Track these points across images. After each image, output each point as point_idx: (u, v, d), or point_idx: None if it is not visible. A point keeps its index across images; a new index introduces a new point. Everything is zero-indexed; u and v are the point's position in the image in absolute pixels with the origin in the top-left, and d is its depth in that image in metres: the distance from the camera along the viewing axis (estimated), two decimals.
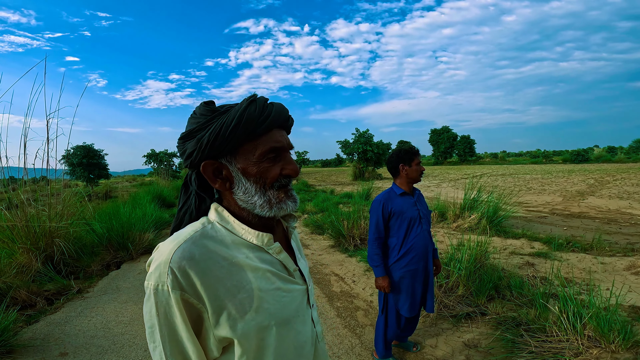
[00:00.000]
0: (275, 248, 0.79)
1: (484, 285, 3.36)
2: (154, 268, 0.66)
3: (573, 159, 43.59)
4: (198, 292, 0.65)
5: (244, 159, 0.75)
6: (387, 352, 2.55)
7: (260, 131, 0.74)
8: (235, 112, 0.72)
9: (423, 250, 2.35)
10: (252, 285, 0.71)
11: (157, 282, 0.65)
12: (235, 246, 0.74)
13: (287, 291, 0.78)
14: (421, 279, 2.39)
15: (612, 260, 4.60)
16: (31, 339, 3.04)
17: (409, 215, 2.35)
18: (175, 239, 0.70)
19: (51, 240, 4.61)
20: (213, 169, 0.76)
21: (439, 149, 54.19)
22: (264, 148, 0.74)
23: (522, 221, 7.65)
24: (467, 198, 7.25)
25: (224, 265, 0.69)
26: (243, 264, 0.72)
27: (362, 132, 25.06)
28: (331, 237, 6.37)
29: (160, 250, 0.69)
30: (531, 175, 21.95)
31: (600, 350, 2.37)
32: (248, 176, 0.75)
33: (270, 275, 0.75)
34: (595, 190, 12.71)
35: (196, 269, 0.65)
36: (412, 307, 2.38)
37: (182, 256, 0.65)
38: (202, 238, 0.70)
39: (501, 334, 2.79)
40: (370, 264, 2.40)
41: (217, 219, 0.77)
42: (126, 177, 36.26)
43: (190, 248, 0.67)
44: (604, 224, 7.13)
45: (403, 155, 2.41)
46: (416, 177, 2.40)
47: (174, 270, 0.64)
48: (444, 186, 16.47)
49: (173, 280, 0.64)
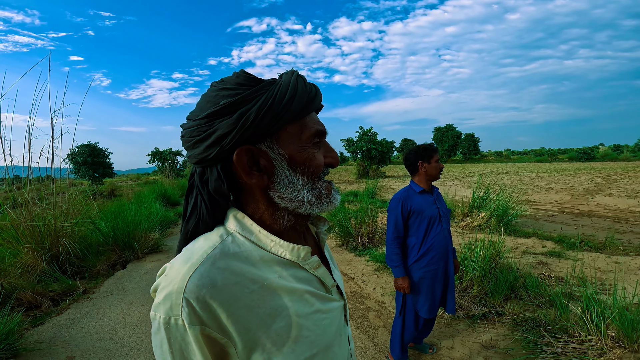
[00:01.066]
0: (313, 263, 0.65)
1: (499, 285, 3.27)
2: (163, 298, 0.52)
3: (579, 157, 43.35)
4: (223, 326, 0.52)
5: (289, 143, 0.61)
6: (403, 354, 2.47)
7: (306, 110, 0.61)
8: (288, 83, 0.59)
9: (443, 250, 2.28)
10: (290, 312, 0.58)
11: (168, 315, 0.51)
12: (265, 264, 0.59)
13: (327, 312, 0.64)
14: (441, 279, 2.31)
15: (625, 260, 4.51)
16: (37, 342, 2.97)
17: (428, 214, 2.28)
18: (188, 259, 0.55)
19: (56, 240, 4.56)
20: (248, 158, 0.59)
21: (443, 147, 53.97)
22: (311, 130, 0.62)
23: (532, 220, 7.54)
24: (475, 196, 7.15)
25: (254, 290, 0.55)
26: (277, 287, 0.58)
27: (366, 130, 24.97)
28: (339, 236, 6.29)
29: (170, 275, 0.54)
30: (537, 174, 21.79)
31: (623, 350, 2.32)
32: (294, 165, 0.61)
33: (309, 296, 0.62)
34: (603, 189, 12.58)
35: (220, 299, 0.52)
36: (431, 308, 2.30)
37: (201, 284, 0.51)
38: (224, 257, 0.55)
39: (522, 335, 2.70)
40: (389, 264, 2.32)
41: (237, 228, 0.61)
42: (130, 176, 36.32)
43: (210, 272, 0.53)
44: (614, 223, 7.02)
45: (422, 152, 2.35)
46: (435, 174, 2.34)
47: (190, 303, 0.50)
48: (450, 184, 16.37)
49: (190, 313, 0.50)
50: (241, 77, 0.60)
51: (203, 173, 0.62)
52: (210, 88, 0.62)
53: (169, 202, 11.32)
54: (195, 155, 0.60)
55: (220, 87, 0.59)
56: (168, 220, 8.12)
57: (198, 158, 0.60)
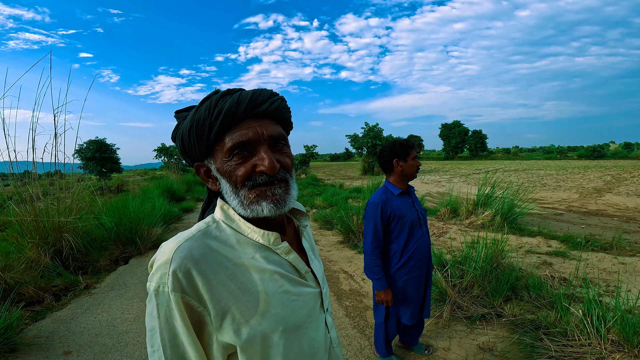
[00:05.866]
0: (283, 248, 0.73)
1: (500, 285, 3.21)
2: (156, 268, 0.63)
3: (588, 155, 42.68)
4: (200, 294, 0.61)
5: (218, 158, 0.71)
6: (388, 350, 2.45)
7: (225, 128, 0.68)
8: (189, 117, 0.71)
9: (425, 254, 2.20)
10: (258, 288, 0.66)
11: (158, 284, 0.61)
12: (241, 246, 0.69)
13: (298, 295, 0.71)
14: (423, 283, 2.24)
15: (633, 261, 4.40)
16: (35, 337, 2.99)
17: (409, 218, 2.14)
18: (177, 237, 0.66)
19: (60, 235, 4.59)
20: (204, 170, 0.75)
21: (450, 143, 53.51)
22: (228, 145, 0.68)
23: (538, 218, 7.43)
24: (480, 194, 7.06)
25: (227, 266, 0.65)
26: (248, 265, 0.67)
27: (372, 126, 24.83)
28: (340, 232, 6.27)
29: (162, 249, 0.64)
30: (545, 171, 21.50)
31: (623, 354, 2.26)
32: (223, 176, 0.71)
33: (278, 277, 0.69)
34: (613, 187, 12.35)
35: (197, 269, 0.61)
36: (414, 314, 2.23)
37: (183, 255, 0.61)
38: (205, 237, 0.67)
39: (519, 338, 2.65)
40: (370, 276, 2.15)
41: (222, 217, 0.72)
42: (138, 171, 36.62)
43: (192, 247, 0.63)
44: (623, 222, 6.89)
45: (398, 149, 2.16)
46: (412, 173, 2.18)
47: (174, 271, 0.60)
48: (456, 181, 16.21)
49: (173, 281, 0.60)
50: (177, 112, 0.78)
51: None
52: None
53: (173, 197, 11.36)
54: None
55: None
56: (171, 216, 8.14)
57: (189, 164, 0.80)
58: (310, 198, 10.84)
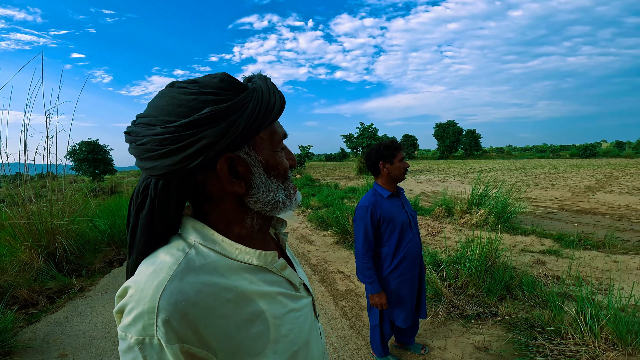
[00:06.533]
0: (280, 265, 0.66)
1: (495, 284, 3.24)
2: (133, 319, 0.49)
3: (581, 154, 43.15)
4: (203, 339, 0.50)
5: (262, 148, 0.62)
6: (384, 350, 2.46)
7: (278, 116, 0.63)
8: (267, 89, 0.60)
9: (417, 256, 2.20)
10: (266, 315, 0.59)
11: (142, 336, 0.48)
12: (234, 272, 0.58)
13: (299, 310, 0.67)
14: (416, 285, 2.24)
15: (625, 259, 4.46)
16: (31, 340, 2.98)
17: (400, 220, 2.12)
18: (153, 277, 0.51)
19: (53, 238, 4.55)
20: (228, 166, 0.58)
21: (444, 143, 53.81)
22: (280, 135, 0.65)
23: (531, 217, 7.50)
24: (474, 193, 7.11)
25: (229, 299, 0.55)
26: (250, 293, 0.58)
27: (367, 126, 24.90)
28: (336, 232, 6.28)
29: (137, 296, 0.50)
30: (538, 170, 21.69)
31: (617, 353, 2.29)
32: (269, 169, 0.63)
33: (282, 297, 0.63)
34: (605, 186, 12.50)
35: (196, 312, 0.50)
36: (408, 317, 2.24)
37: (175, 301, 0.49)
38: (191, 271, 0.53)
39: (514, 337, 2.68)
40: (362, 280, 2.14)
41: (199, 239, 0.59)
42: (132, 172, 36.32)
43: (182, 288, 0.50)
44: (615, 221, 6.97)
45: (383, 151, 2.14)
46: (399, 175, 2.15)
47: (166, 321, 0.48)
48: (450, 180, 16.31)
49: (167, 332, 0.48)
50: (226, 81, 0.57)
51: (166, 185, 0.57)
52: (175, 89, 0.57)
53: None
54: (163, 167, 0.54)
55: (198, 90, 0.55)
56: None
57: (168, 169, 0.54)
58: (306, 198, 10.84)
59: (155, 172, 0.55)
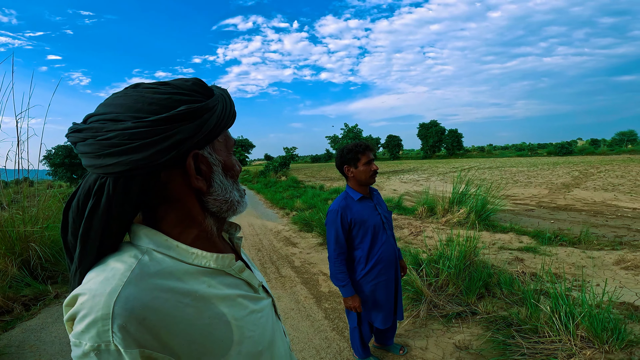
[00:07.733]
0: (237, 268, 0.67)
1: (473, 283, 3.27)
2: (86, 326, 0.47)
3: (557, 152, 44.42)
4: (165, 344, 0.50)
5: (219, 150, 0.66)
6: (365, 352, 2.45)
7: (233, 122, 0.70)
8: (228, 96, 0.67)
9: (392, 258, 2.17)
10: (228, 317, 0.59)
11: (97, 343, 0.47)
12: (191, 276, 0.58)
13: (261, 310, 0.68)
14: (392, 287, 2.22)
15: (600, 255, 4.57)
16: (6, 347, 2.94)
17: (372, 223, 2.09)
18: (105, 284, 0.50)
19: (27, 245, 4.41)
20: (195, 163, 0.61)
21: (428, 142, 54.60)
22: (232, 140, 0.71)
23: (510, 214, 7.66)
24: (455, 192, 7.20)
25: (188, 303, 0.54)
26: (210, 296, 0.58)
27: (351, 127, 25.01)
28: (320, 234, 6.26)
29: (88, 303, 0.48)
30: (517, 168, 22.21)
31: (593, 350, 2.29)
32: (226, 170, 0.67)
33: (242, 299, 0.64)
34: (580, 183, 12.88)
35: (155, 318, 0.50)
36: (386, 318, 2.22)
37: (131, 307, 0.48)
38: (146, 277, 0.52)
39: (492, 336, 2.71)
40: (335, 283, 2.10)
41: (152, 245, 0.58)
42: None
43: (138, 294, 0.49)
44: (590, 217, 7.18)
45: (346, 155, 2.06)
46: (366, 179, 2.08)
47: (123, 327, 0.47)
48: (433, 180, 16.52)
49: (125, 338, 0.47)
50: (198, 85, 0.61)
51: (127, 185, 0.55)
52: (143, 89, 0.57)
53: None
54: (129, 162, 0.53)
55: (171, 90, 0.57)
56: None
57: (135, 165, 0.53)
58: (291, 200, 10.79)
59: (118, 168, 0.54)
